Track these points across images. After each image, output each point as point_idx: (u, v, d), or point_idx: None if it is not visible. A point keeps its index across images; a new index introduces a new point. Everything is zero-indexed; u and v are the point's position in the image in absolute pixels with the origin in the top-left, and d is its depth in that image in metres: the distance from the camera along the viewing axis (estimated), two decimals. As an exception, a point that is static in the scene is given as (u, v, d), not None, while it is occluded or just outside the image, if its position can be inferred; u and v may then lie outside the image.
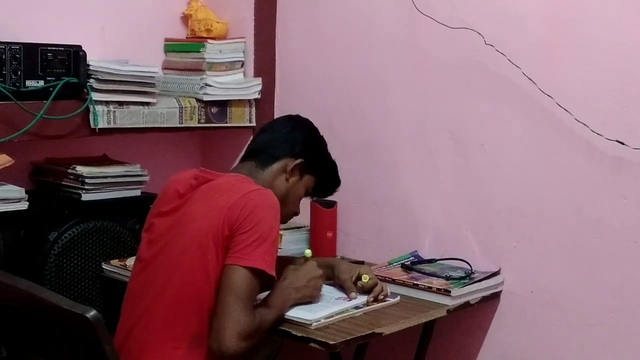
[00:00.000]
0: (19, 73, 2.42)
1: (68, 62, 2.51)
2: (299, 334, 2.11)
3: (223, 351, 1.98)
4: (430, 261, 2.62)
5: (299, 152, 2.31)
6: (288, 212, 2.35)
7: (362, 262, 2.73)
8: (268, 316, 2.09)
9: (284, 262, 2.38)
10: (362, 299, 2.31)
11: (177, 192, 2.20)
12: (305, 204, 2.78)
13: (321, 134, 2.44)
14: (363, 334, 2.13)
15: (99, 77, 2.55)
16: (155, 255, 2.16)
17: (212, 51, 2.93)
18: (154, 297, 2.11)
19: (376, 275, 2.43)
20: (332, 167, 2.44)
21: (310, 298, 2.22)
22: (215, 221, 2.07)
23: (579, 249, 2.39)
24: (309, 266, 2.25)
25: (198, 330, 2.07)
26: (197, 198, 2.16)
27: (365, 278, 2.34)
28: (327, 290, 2.35)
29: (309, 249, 2.43)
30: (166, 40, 3.07)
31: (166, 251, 2.14)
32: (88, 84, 2.53)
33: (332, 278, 2.39)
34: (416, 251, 2.70)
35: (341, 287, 2.35)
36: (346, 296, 2.31)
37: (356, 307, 2.26)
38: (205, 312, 2.07)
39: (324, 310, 2.19)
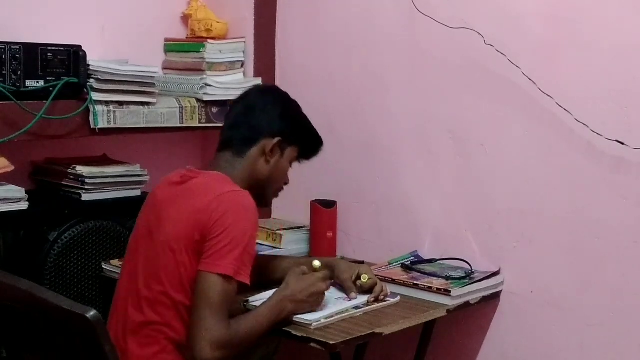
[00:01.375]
0: (19, 73, 2.42)
1: (68, 62, 2.51)
2: (299, 334, 2.11)
3: None
4: (430, 261, 2.62)
5: (275, 129, 2.24)
6: (277, 188, 2.33)
7: (362, 262, 2.73)
8: (252, 326, 2.04)
9: (288, 263, 2.38)
10: (362, 299, 2.31)
11: (161, 192, 2.19)
12: (305, 203, 2.79)
13: (292, 98, 2.36)
14: (363, 334, 2.13)
15: (99, 77, 2.55)
16: (135, 258, 2.16)
17: (212, 51, 2.93)
18: (132, 303, 2.11)
19: (376, 275, 2.43)
20: (310, 131, 2.37)
21: (308, 311, 2.16)
22: (186, 225, 2.05)
23: (579, 249, 2.39)
24: (315, 280, 2.18)
25: (181, 335, 2.05)
26: (174, 200, 2.13)
27: (364, 278, 2.33)
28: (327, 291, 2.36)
29: (318, 260, 2.30)
30: (166, 40, 3.07)
31: (143, 256, 2.13)
32: (88, 84, 2.53)
33: (332, 278, 2.38)
34: (416, 251, 2.70)
35: (341, 287, 2.35)
36: (346, 296, 2.31)
37: (356, 307, 2.26)
38: (185, 319, 2.05)
39: (324, 310, 2.19)
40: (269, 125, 2.25)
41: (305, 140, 2.34)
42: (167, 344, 2.07)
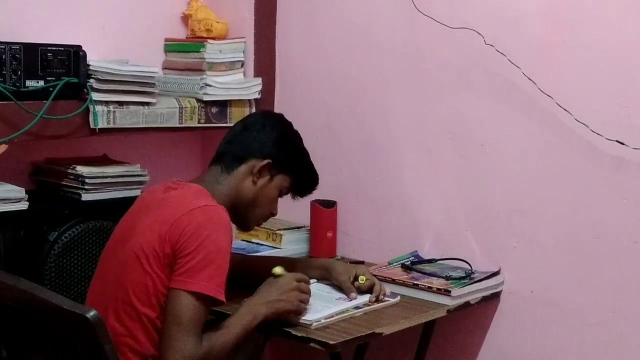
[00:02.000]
0: (19, 73, 2.42)
1: (68, 62, 2.51)
2: (299, 334, 2.10)
3: None
4: (430, 261, 2.62)
5: (267, 152, 2.21)
6: (261, 214, 2.27)
7: (362, 262, 2.74)
8: (225, 338, 2.00)
9: (262, 266, 2.33)
10: (362, 298, 2.31)
11: (144, 203, 2.16)
12: (305, 203, 2.79)
13: (295, 129, 2.34)
14: (363, 334, 2.13)
15: (99, 77, 2.55)
16: (108, 264, 2.13)
17: (212, 51, 2.92)
18: (100, 311, 2.01)
19: (376, 275, 2.43)
20: (306, 165, 2.34)
21: (289, 312, 2.12)
22: (157, 237, 2.00)
23: (579, 249, 2.39)
24: (285, 279, 2.15)
25: (145, 349, 2.02)
26: (150, 210, 2.10)
27: (362, 279, 2.33)
28: (327, 290, 2.36)
29: (280, 267, 2.19)
30: (166, 40, 3.06)
31: (114, 263, 2.09)
32: (88, 84, 2.53)
33: (329, 279, 2.38)
34: (416, 251, 2.70)
35: (340, 288, 2.35)
36: (346, 297, 2.30)
37: (356, 307, 2.26)
38: (155, 334, 2.01)
39: (324, 310, 2.19)
40: (261, 146, 2.22)
41: (298, 172, 2.30)
42: (131, 356, 2.02)
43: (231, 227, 2.07)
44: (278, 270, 2.18)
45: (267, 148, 2.22)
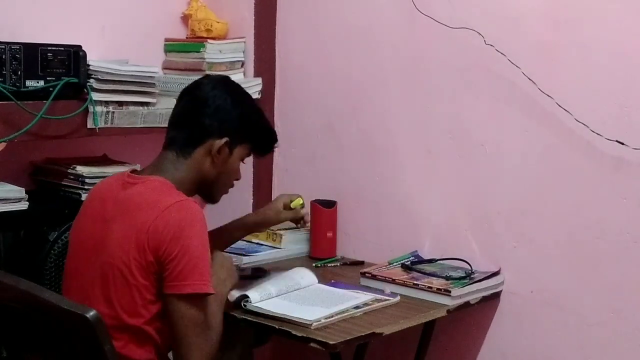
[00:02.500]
0: (19, 73, 2.42)
1: (68, 62, 2.51)
2: (299, 334, 2.10)
3: None
4: (430, 261, 2.62)
5: (223, 129, 2.13)
6: (226, 185, 2.24)
7: (362, 262, 2.74)
8: (215, 321, 2.06)
9: (244, 226, 2.50)
10: (362, 298, 2.31)
11: (102, 200, 2.11)
12: (305, 204, 2.79)
13: (242, 90, 2.26)
14: (363, 334, 2.13)
15: (99, 77, 2.54)
16: (82, 276, 2.07)
17: (212, 51, 2.93)
18: None
19: (376, 276, 2.44)
20: (262, 127, 2.28)
21: (235, 283, 2.21)
22: (135, 246, 1.96)
23: (579, 249, 2.39)
24: (219, 258, 2.16)
25: (145, 356, 2.02)
26: (118, 215, 2.04)
27: (298, 202, 2.45)
28: (326, 290, 2.36)
29: (300, 197, 2.49)
30: (166, 40, 3.06)
31: (91, 276, 2.04)
32: (88, 84, 2.53)
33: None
34: (416, 251, 2.70)
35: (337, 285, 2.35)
36: (345, 292, 2.31)
37: (356, 307, 2.26)
38: (146, 342, 2.02)
39: (324, 310, 2.19)
40: (217, 125, 2.13)
41: (256, 138, 2.24)
42: None
43: (204, 217, 2.04)
44: (299, 202, 2.47)
45: (222, 125, 2.14)
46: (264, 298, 2.21)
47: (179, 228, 1.96)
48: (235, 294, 2.19)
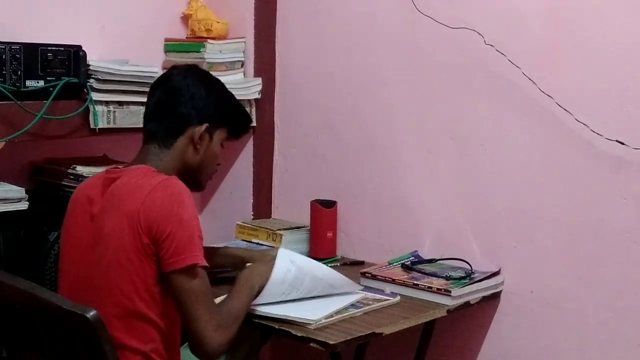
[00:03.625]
0: (19, 73, 2.42)
1: (68, 62, 2.51)
2: (299, 334, 2.10)
3: (210, 353, 1.98)
4: (430, 261, 2.62)
5: (202, 116, 2.17)
6: (210, 171, 2.27)
7: (362, 263, 2.74)
8: (235, 302, 2.08)
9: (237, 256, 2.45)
10: (358, 295, 2.30)
11: (88, 198, 2.11)
12: (305, 203, 2.79)
13: (213, 77, 2.30)
14: (363, 334, 2.13)
15: (99, 77, 2.55)
16: (77, 275, 2.08)
17: (212, 51, 2.93)
18: None
19: (376, 276, 2.44)
20: (236, 109, 2.32)
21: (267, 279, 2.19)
22: (129, 232, 1.98)
23: (579, 249, 2.39)
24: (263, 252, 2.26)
25: (149, 345, 2.02)
26: (106, 208, 2.05)
27: None
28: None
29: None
30: (166, 40, 3.06)
31: (87, 272, 2.05)
32: (88, 84, 2.53)
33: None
34: (416, 251, 2.70)
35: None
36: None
37: (356, 307, 2.26)
38: (150, 327, 2.02)
39: (324, 310, 2.19)
40: (195, 112, 2.17)
41: (232, 120, 2.28)
42: (131, 356, 2.01)
43: (188, 191, 2.06)
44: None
45: (200, 112, 2.17)
46: (266, 299, 2.21)
47: (167, 206, 1.99)
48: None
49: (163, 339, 2.05)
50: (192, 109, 2.17)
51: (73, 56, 2.52)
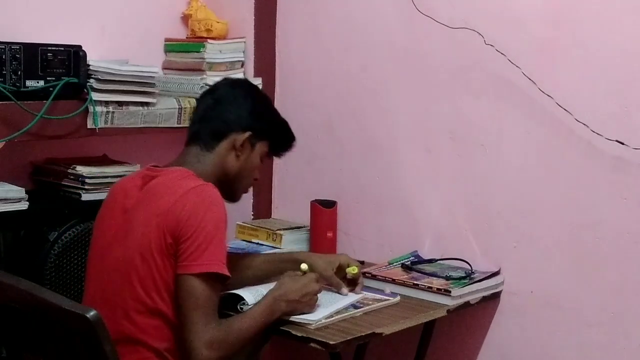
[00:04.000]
0: (19, 73, 2.42)
1: (68, 62, 2.51)
2: (299, 334, 2.10)
3: None
4: (430, 261, 2.62)
5: (245, 124, 2.20)
6: (247, 183, 2.28)
7: (362, 262, 2.74)
8: (246, 324, 2.02)
9: (286, 261, 2.36)
10: (357, 296, 2.31)
11: (125, 192, 2.13)
12: (305, 203, 2.79)
13: (263, 92, 2.34)
14: (363, 334, 2.13)
15: (99, 77, 2.54)
16: (103, 265, 2.10)
17: (212, 51, 2.93)
18: (106, 313, 1.99)
19: (376, 276, 2.44)
20: (282, 126, 2.33)
21: (302, 312, 2.14)
22: (156, 229, 2.00)
23: (579, 249, 2.39)
24: (308, 280, 2.17)
25: (159, 343, 2.03)
26: (139, 204, 2.08)
27: (353, 269, 2.35)
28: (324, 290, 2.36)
29: (305, 264, 2.25)
30: (166, 40, 3.06)
31: (112, 263, 2.07)
32: (88, 84, 2.53)
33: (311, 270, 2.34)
34: (416, 251, 2.70)
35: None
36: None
37: (356, 307, 2.26)
38: (165, 326, 2.02)
39: (322, 309, 2.19)
40: (240, 120, 2.20)
41: (276, 136, 2.30)
42: (144, 352, 2.02)
43: (223, 202, 2.08)
44: (304, 267, 2.22)
45: (245, 120, 2.21)
46: (258, 299, 2.20)
47: (196, 210, 2.00)
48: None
49: (177, 341, 2.04)
50: (238, 116, 2.20)
51: (73, 56, 2.51)
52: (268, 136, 2.26)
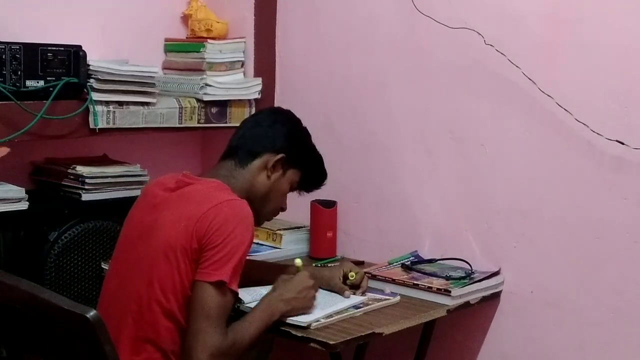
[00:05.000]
0: (19, 73, 2.42)
1: (68, 62, 2.51)
2: (299, 334, 2.10)
3: None
4: (430, 261, 2.62)
5: (280, 146, 2.24)
6: (273, 209, 2.30)
7: (362, 262, 2.74)
8: (247, 332, 2.04)
9: (275, 270, 2.36)
10: (358, 297, 2.31)
11: (156, 192, 2.17)
12: (305, 203, 2.79)
13: (303, 125, 2.37)
14: (363, 334, 2.13)
15: (99, 77, 2.55)
16: (125, 260, 2.13)
17: (212, 51, 2.93)
18: (122, 308, 2.07)
19: (376, 276, 2.44)
20: (316, 159, 2.38)
21: (302, 310, 2.15)
22: (184, 232, 2.02)
23: (579, 249, 2.39)
24: (301, 277, 2.19)
25: (169, 344, 2.04)
26: (170, 205, 2.11)
27: (352, 276, 2.35)
28: (324, 290, 2.35)
29: (299, 258, 2.33)
30: (166, 40, 3.07)
31: (135, 259, 2.10)
32: (88, 84, 2.53)
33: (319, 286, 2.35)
34: (416, 251, 2.70)
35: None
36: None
37: (356, 307, 2.26)
38: (175, 329, 2.03)
39: (320, 311, 2.18)
40: (274, 141, 2.25)
41: (308, 168, 2.33)
42: (153, 351, 2.04)
43: (253, 221, 2.10)
44: (298, 261, 2.27)
45: (280, 143, 2.25)
46: (256, 299, 2.20)
47: (228, 221, 2.02)
48: None
49: (183, 346, 2.04)
50: (273, 138, 2.26)
51: (73, 56, 2.52)
52: (301, 165, 2.30)
